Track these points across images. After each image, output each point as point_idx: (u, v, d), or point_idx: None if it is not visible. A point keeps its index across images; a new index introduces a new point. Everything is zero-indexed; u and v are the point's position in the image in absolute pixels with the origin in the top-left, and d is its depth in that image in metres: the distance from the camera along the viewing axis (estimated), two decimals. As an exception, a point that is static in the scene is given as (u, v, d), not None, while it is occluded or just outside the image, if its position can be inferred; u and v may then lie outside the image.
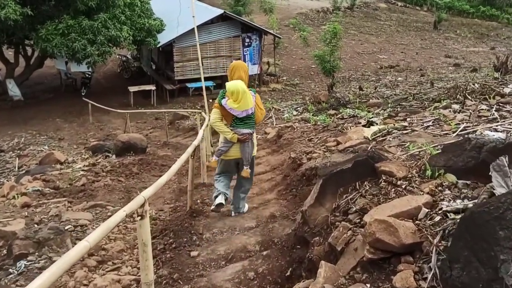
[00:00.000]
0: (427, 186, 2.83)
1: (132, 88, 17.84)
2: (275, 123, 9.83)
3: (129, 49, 18.50)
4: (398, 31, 32.39)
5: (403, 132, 5.11)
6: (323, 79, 19.86)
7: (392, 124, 5.72)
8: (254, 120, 4.36)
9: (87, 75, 18.68)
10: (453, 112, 5.90)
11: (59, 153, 9.55)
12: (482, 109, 5.63)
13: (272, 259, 3.25)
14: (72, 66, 17.49)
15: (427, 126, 5.18)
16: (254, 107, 4.29)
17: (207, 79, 17.25)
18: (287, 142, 7.28)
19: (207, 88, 15.98)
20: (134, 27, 16.89)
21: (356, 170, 3.16)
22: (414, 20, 35.73)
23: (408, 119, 6.01)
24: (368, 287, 2.20)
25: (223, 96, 4.25)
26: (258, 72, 20.11)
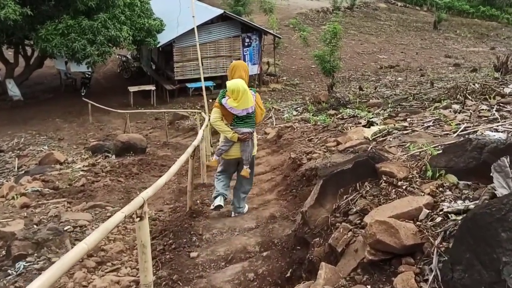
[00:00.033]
0: (428, 187, 2.82)
1: (132, 88, 17.82)
2: (275, 123, 9.81)
3: (129, 49, 18.50)
4: (398, 31, 32.38)
5: (404, 132, 5.10)
6: (323, 79, 19.85)
7: (392, 124, 5.70)
8: (254, 119, 4.37)
9: (87, 75, 18.67)
10: (453, 112, 5.88)
11: (58, 153, 9.52)
12: (483, 109, 5.61)
13: (272, 260, 3.23)
14: (71, 66, 17.51)
15: (427, 126, 5.17)
16: (254, 106, 4.30)
17: (207, 79, 17.26)
18: (287, 142, 7.27)
19: (207, 88, 15.97)
20: (134, 27, 16.88)
21: (356, 171, 3.15)
22: (414, 20, 35.73)
23: (408, 119, 5.99)
24: (368, 288, 2.19)
25: (224, 96, 4.26)
26: (258, 72, 20.09)
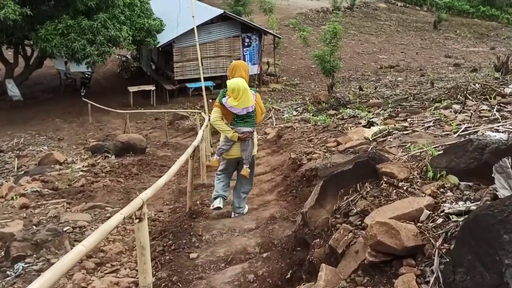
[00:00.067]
0: (428, 188, 2.80)
1: (132, 88, 17.80)
2: (275, 123, 9.79)
3: (128, 49, 18.50)
4: (398, 31, 32.37)
5: (404, 132, 5.08)
6: (323, 79, 19.83)
7: (393, 125, 5.68)
8: (254, 118, 4.38)
9: (86, 75, 18.65)
10: (453, 113, 5.86)
11: (58, 153, 9.51)
12: (483, 109, 5.60)
13: (272, 261, 3.22)
14: (71, 66, 17.50)
15: (428, 127, 5.15)
16: (255, 105, 4.31)
17: (206, 79, 17.25)
18: (287, 142, 7.25)
19: (207, 88, 15.96)
20: (134, 27, 16.87)
21: (357, 172, 3.13)
22: (414, 20, 35.72)
23: (408, 120, 5.98)
24: (369, 290, 2.17)
25: (224, 95, 4.28)
26: (258, 72, 20.08)
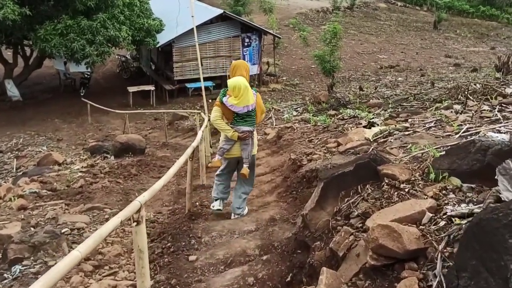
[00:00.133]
0: (430, 190, 2.77)
1: (131, 89, 17.77)
2: (275, 124, 9.75)
3: (128, 49, 18.45)
4: (398, 31, 32.34)
5: (405, 133, 5.04)
6: (323, 79, 19.79)
7: (393, 125, 5.64)
8: (254, 118, 4.38)
9: (86, 75, 18.62)
10: (454, 113, 5.82)
11: (57, 154, 9.47)
12: (484, 109, 5.55)
13: (272, 264, 3.18)
14: (71, 66, 17.46)
15: (429, 127, 5.11)
16: (255, 104, 4.30)
17: (206, 79, 17.21)
18: (287, 143, 7.21)
19: (207, 88, 15.91)
20: (133, 27, 16.83)
21: (358, 173, 3.10)
22: (414, 20, 35.68)
23: (409, 120, 5.93)
24: (371, 295, 2.14)
25: (224, 94, 4.28)
26: (258, 72, 20.04)
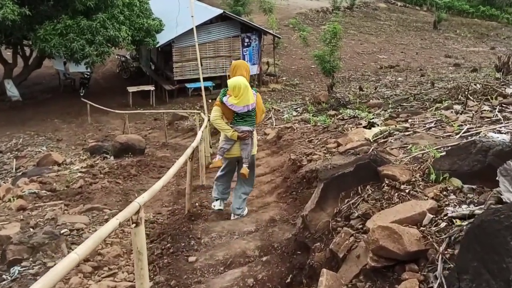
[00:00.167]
0: (431, 191, 2.76)
1: (131, 89, 17.74)
2: (274, 124, 9.73)
3: (128, 49, 18.43)
4: (398, 31, 32.32)
5: (405, 133, 5.03)
6: (323, 79, 19.77)
7: (394, 125, 5.63)
8: (254, 118, 4.38)
9: (85, 76, 18.61)
10: (455, 113, 5.81)
11: (56, 154, 9.46)
12: (485, 110, 5.54)
13: (272, 265, 3.16)
14: (70, 66, 17.45)
15: (429, 128, 5.09)
16: (255, 104, 4.31)
17: (206, 79, 17.19)
18: (287, 143, 7.20)
19: (206, 88, 15.89)
20: (133, 27, 16.82)
21: (358, 174, 3.08)
22: (414, 20, 35.67)
23: (409, 120, 5.92)
24: (371, 296, 2.12)
25: (225, 94, 4.29)
26: (258, 72, 20.01)
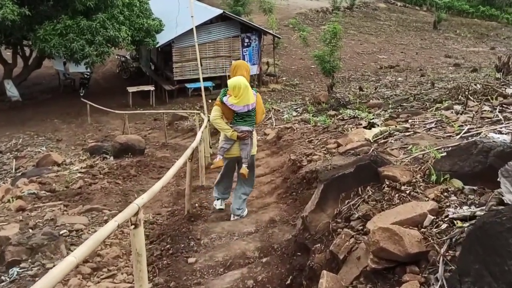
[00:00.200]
0: (432, 192, 2.74)
1: (131, 89, 17.72)
2: (274, 124, 9.72)
3: (127, 49, 18.41)
4: (398, 31, 32.31)
5: (405, 134, 5.01)
6: (322, 79, 19.76)
7: (394, 126, 5.61)
8: (254, 118, 4.38)
9: (85, 76, 18.60)
10: (455, 113, 5.79)
11: (56, 154, 9.44)
12: (485, 110, 5.53)
13: (271, 266, 3.15)
14: (70, 66, 17.44)
15: (429, 128, 5.08)
16: (255, 103, 4.31)
17: (206, 79, 17.17)
18: (286, 143, 7.18)
19: (206, 88, 15.87)
20: (133, 27, 16.80)
21: (358, 175, 3.07)
22: (414, 20, 35.66)
23: (409, 121, 5.90)
24: (372, 298, 2.11)
25: (225, 94, 4.30)
26: (258, 73, 19.99)
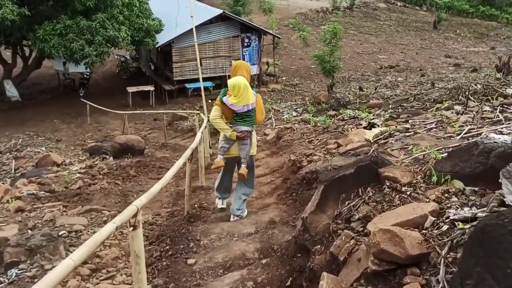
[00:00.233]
0: (433, 193, 2.73)
1: (131, 89, 17.71)
2: (274, 124, 9.70)
3: (127, 49, 18.37)
4: (398, 31, 32.30)
5: (406, 134, 5.00)
6: (322, 79, 19.74)
7: (394, 126, 5.60)
8: (253, 118, 4.37)
9: (85, 76, 18.58)
10: (455, 114, 5.78)
11: (55, 154, 9.41)
12: (486, 110, 5.52)
13: (271, 267, 3.13)
14: (70, 66, 17.43)
15: (430, 128, 5.07)
16: (255, 104, 4.30)
17: (206, 79, 17.16)
18: (286, 143, 7.16)
19: (206, 88, 15.86)
20: (133, 27, 16.79)
21: (359, 176, 3.05)
22: (414, 20, 35.65)
23: (410, 121, 5.89)
24: (373, 301, 2.09)
25: (225, 94, 4.30)
26: (258, 73, 19.97)
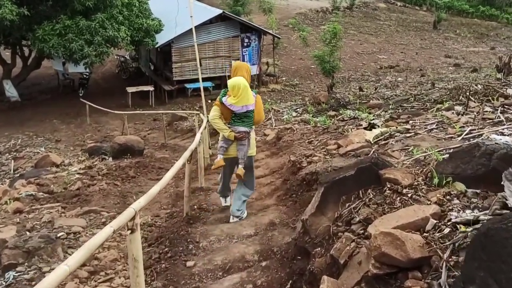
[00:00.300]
0: (434, 195, 2.70)
1: (130, 89, 17.68)
2: (274, 125, 9.67)
3: (127, 49, 18.36)
4: (398, 31, 32.27)
5: (406, 135, 4.98)
6: (322, 79, 19.71)
7: (394, 127, 5.57)
8: (252, 119, 4.36)
9: (84, 76, 18.55)
10: (456, 114, 5.75)
11: (55, 155, 9.37)
12: (486, 111, 5.49)
13: (271, 270, 3.11)
14: (69, 66, 17.39)
15: (430, 129, 5.05)
16: (255, 104, 4.29)
17: (206, 79, 17.13)
18: (286, 144, 7.13)
19: (206, 88, 15.85)
20: (132, 27, 16.75)
21: (359, 178, 3.03)
22: (414, 20, 35.62)
23: (410, 122, 5.87)
24: (374, 305, 2.07)
25: (225, 94, 4.30)
26: (257, 73, 19.93)
